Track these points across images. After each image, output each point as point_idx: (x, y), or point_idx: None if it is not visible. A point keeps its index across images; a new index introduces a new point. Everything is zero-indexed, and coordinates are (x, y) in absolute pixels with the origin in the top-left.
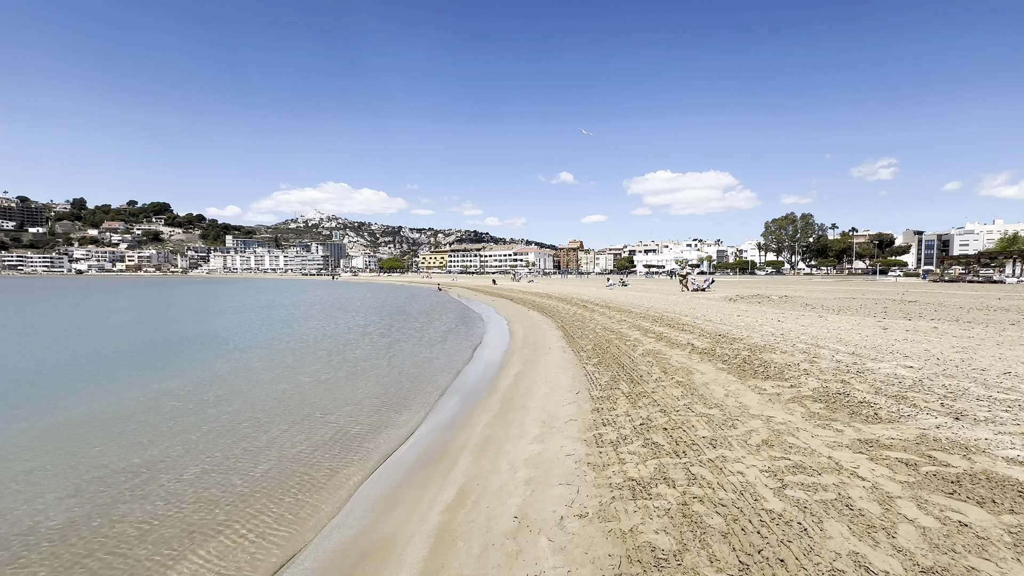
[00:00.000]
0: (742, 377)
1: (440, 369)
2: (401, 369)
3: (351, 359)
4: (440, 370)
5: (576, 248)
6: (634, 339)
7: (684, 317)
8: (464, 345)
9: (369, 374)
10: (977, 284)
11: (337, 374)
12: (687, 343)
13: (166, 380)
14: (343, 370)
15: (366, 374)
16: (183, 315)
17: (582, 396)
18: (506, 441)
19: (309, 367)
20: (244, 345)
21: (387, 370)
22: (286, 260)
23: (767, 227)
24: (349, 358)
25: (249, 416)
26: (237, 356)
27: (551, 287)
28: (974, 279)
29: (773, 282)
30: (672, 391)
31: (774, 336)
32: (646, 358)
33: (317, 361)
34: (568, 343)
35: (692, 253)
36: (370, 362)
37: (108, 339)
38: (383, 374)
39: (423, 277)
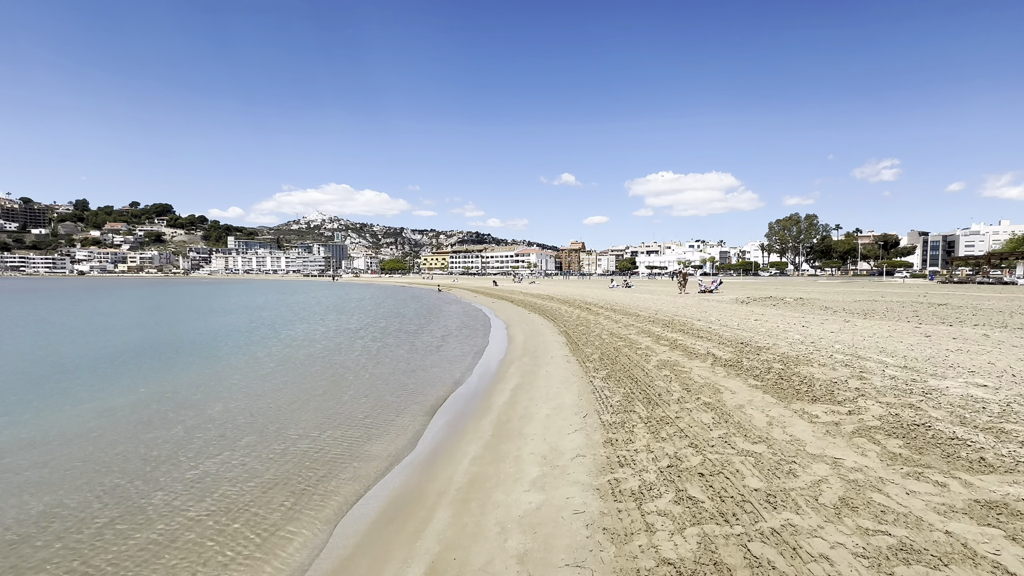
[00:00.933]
0: (783, 398)
1: (429, 382)
2: (386, 382)
3: (333, 369)
4: (429, 383)
5: (578, 249)
6: (645, 347)
7: (697, 321)
8: (458, 353)
9: (349, 388)
10: (988, 286)
11: (315, 386)
12: (707, 352)
13: (112, 396)
14: (323, 382)
15: (346, 388)
16: (168, 317)
17: (591, 421)
18: (497, 486)
19: (284, 378)
20: (221, 351)
21: (370, 383)
22: (288, 261)
23: (771, 228)
24: (331, 368)
25: (187, 446)
26: (209, 365)
27: (553, 288)
28: (984, 280)
29: (780, 283)
30: (700, 416)
31: (804, 345)
32: (662, 371)
33: (295, 371)
34: (572, 351)
35: (695, 254)
36: (353, 373)
37: (73, 344)
38: (365, 388)
39: (424, 278)
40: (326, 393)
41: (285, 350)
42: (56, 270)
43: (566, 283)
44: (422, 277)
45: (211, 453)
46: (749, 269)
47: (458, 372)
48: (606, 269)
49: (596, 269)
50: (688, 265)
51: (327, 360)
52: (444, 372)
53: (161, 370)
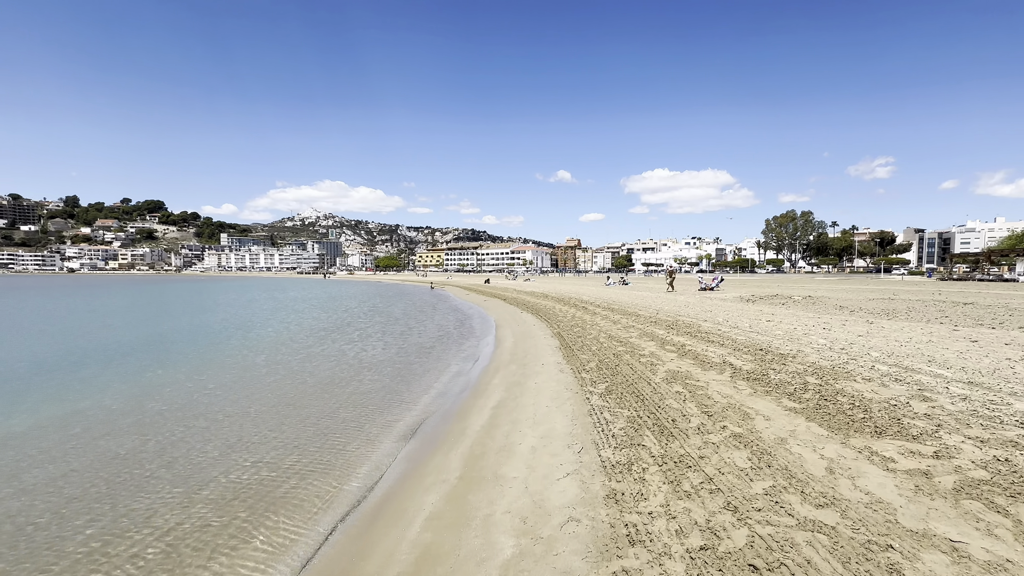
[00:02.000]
0: (835, 429)
1: (398, 396)
2: (347, 396)
3: (292, 378)
4: (397, 398)
5: (574, 246)
6: (650, 353)
7: (703, 323)
8: (437, 359)
9: (301, 405)
10: (989, 283)
11: (259, 403)
12: (722, 361)
13: (29, 413)
14: (271, 396)
15: (296, 405)
16: (138, 316)
17: (587, 459)
18: (453, 573)
19: (228, 393)
20: (176, 357)
21: (327, 398)
22: (281, 258)
23: (767, 225)
24: (290, 377)
25: (75, 490)
26: (156, 374)
27: (548, 286)
28: (984, 277)
29: (780, 280)
30: (731, 455)
31: (834, 352)
32: (673, 385)
33: (247, 383)
34: (565, 357)
35: (691, 251)
36: (312, 384)
37: (12, 349)
38: (318, 406)
39: (419, 275)
40: (269, 413)
41: (246, 355)
42: (46, 267)
43: (562, 280)
44: (416, 274)
45: (68, 522)
46: (746, 266)
47: (434, 383)
48: (602, 266)
49: (592, 266)
50: (685, 262)
51: (288, 367)
52: (418, 384)
53: (98, 379)
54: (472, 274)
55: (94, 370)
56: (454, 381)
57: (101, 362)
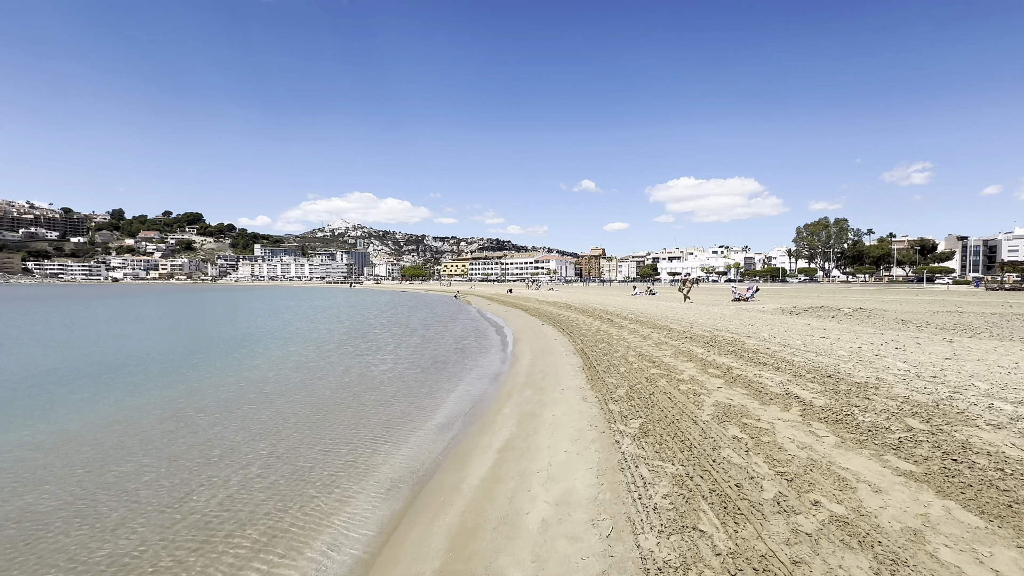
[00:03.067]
0: (990, 515)
1: (389, 431)
2: (332, 429)
3: (276, 404)
4: (388, 433)
5: (598, 255)
6: (690, 378)
7: (747, 339)
8: (445, 378)
9: (280, 441)
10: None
11: (221, 447)
12: (784, 391)
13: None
14: (249, 431)
15: (279, 436)
16: (155, 326)
17: (621, 551)
18: None
19: (196, 431)
20: (152, 377)
21: (308, 432)
22: (311, 268)
23: (798, 233)
24: (277, 401)
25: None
26: (120, 400)
27: (572, 296)
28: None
29: (815, 290)
30: (846, 561)
31: (921, 379)
32: (727, 426)
33: (221, 419)
34: (589, 380)
35: (719, 260)
36: (294, 416)
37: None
38: (293, 445)
39: (443, 285)
40: (230, 455)
41: (233, 375)
42: (92, 277)
43: (586, 290)
44: (441, 284)
45: None
46: (776, 275)
47: (435, 411)
48: (627, 276)
49: (617, 276)
50: (712, 271)
51: (283, 386)
52: (416, 411)
53: (44, 406)
54: (496, 284)
55: (77, 385)
56: (459, 407)
57: (83, 379)
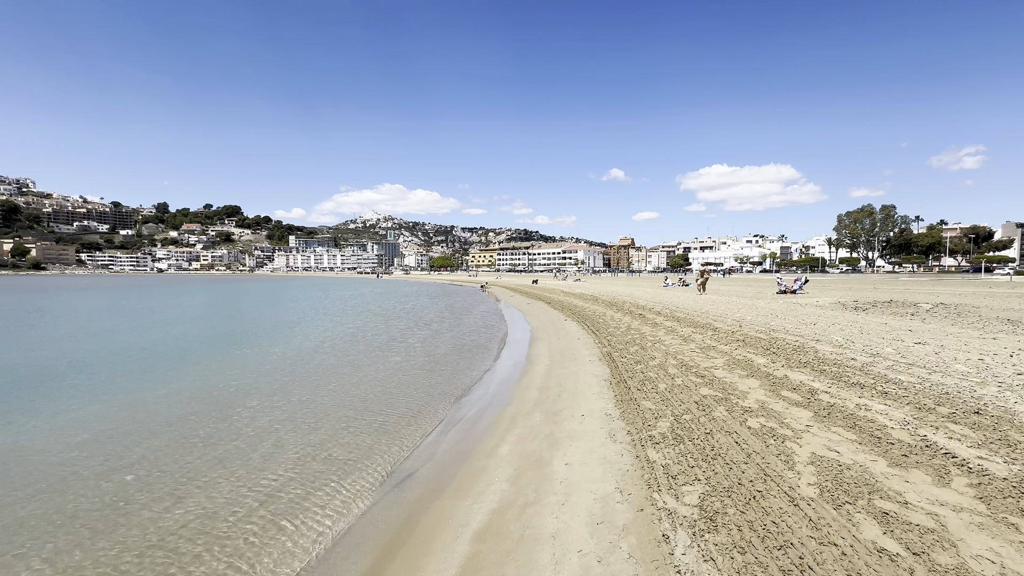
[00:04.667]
0: None
1: (339, 479)
2: (260, 477)
3: (245, 424)
4: (336, 482)
5: (627, 245)
6: (758, 405)
7: (815, 343)
8: (438, 394)
9: (221, 476)
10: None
11: (102, 506)
12: (919, 439)
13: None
14: (199, 455)
15: (224, 467)
16: (177, 315)
17: None
18: None
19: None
20: (116, 381)
21: (261, 465)
22: (343, 259)
23: (840, 221)
24: (245, 421)
25: None
26: (65, 413)
27: (599, 287)
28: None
29: (864, 282)
30: None
31: None
32: (852, 515)
33: (174, 436)
34: (618, 403)
35: (753, 250)
36: (226, 441)
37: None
38: (245, 479)
39: (470, 275)
40: (187, 479)
41: (211, 379)
42: (139, 268)
43: (614, 281)
44: (468, 274)
45: None
46: (815, 266)
47: (405, 450)
48: (656, 266)
49: (646, 266)
50: (747, 261)
51: (253, 399)
52: (383, 446)
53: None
54: (523, 274)
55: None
56: (442, 440)
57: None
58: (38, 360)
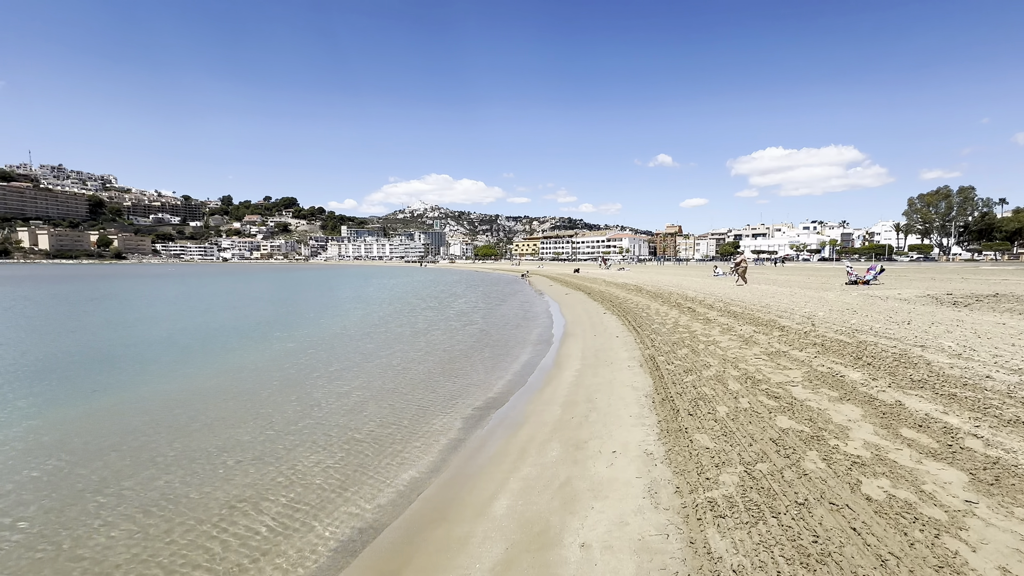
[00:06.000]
0: None
1: (329, 511)
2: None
3: (145, 473)
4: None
5: (674, 233)
6: (871, 455)
7: (923, 351)
8: (452, 402)
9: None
10: None
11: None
12: None
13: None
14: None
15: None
16: (221, 303)
17: None
18: None
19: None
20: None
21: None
22: (391, 248)
23: (911, 204)
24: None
25: None
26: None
27: (643, 276)
28: None
29: (941, 271)
30: None
31: None
32: None
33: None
34: (663, 434)
35: (811, 237)
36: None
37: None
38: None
39: (513, 264)
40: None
41: (189, 382)
42: (206, 257)
43: (660, 270)
44: (511, 263)
45: None
46: (881, 253)
47: (370, 501)
48: (705, 254)
49: (694, 254)
50: (803, 249)
51: (218, 428)
52: (351, 490)
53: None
54: (566, 262)
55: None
56: (424, 486)
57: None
58: (162, 332)
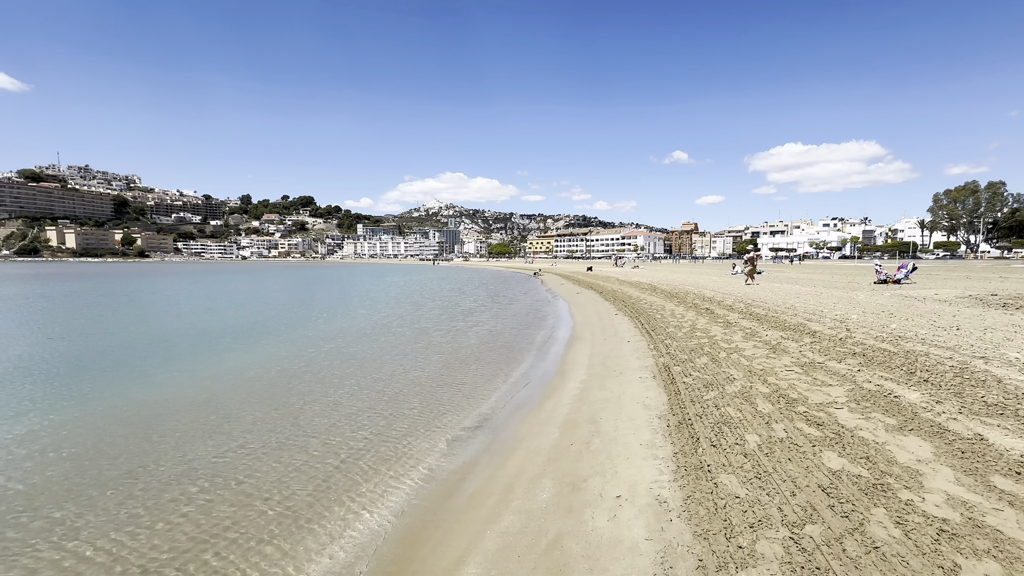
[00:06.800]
0: None
1: None
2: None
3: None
4: None
5: (689, 231)
6: (963, 519)
7: (987, 364)
8: (438, 422)
9: None
10: None
11: None
12: None
13: None
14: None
15: None
16: (225, 303)
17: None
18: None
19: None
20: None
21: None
22: (406, 246)
23: (936, 200)
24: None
25: None
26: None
27: (658, 275)
28: None
29: (970, 269)
30: None
31: None
32: None
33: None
34: (680, 472)
35: (831, 234)
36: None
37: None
38: None
39: (526, 262)
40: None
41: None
42: (226, 255)
43: (675, 268)
44: (525, 261)
45: None
46: (905, 251)
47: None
48: (721, 252)
49: (710, 252)
50: (823, 247)
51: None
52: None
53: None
54: (580, 260)
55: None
56: (375, 543)
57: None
58: (195, 327)
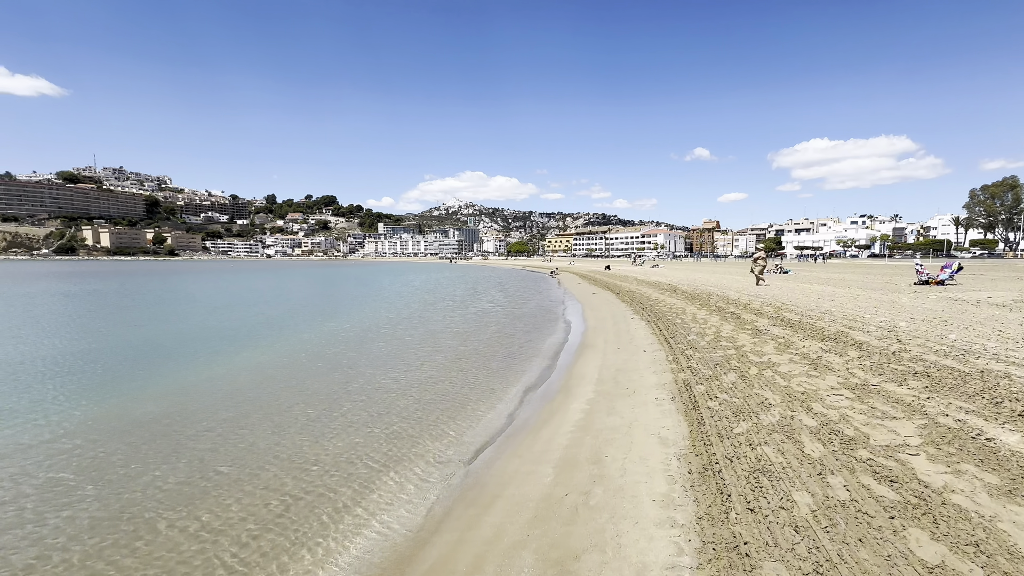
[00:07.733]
0: None
1: None
2: None
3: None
4: None
5: (711, 229)
6: None
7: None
8: (414, 451)
9: None
10: None
11: None
12: None
13: None
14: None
15: None
16: (240, 304)
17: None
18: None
19: None
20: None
21: None
22: (426, 245)
23: (972, 197)
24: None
25: None
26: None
27: (679, 274)
28: None
29: (1014, 268)
30: None
31: None
32: None
33: None
34: (705, 548)
35: (859, 232)
36: None
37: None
38: None
39: (544, 260)
40: None
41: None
42: (252, 253)
43: (696, 266)
44: (543, 259)
45: None
46: (938, 249)
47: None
48: (744, 250)
49: (732, 250)
50: (851, 244)
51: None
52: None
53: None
54: (599, 259)
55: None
56: None
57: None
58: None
